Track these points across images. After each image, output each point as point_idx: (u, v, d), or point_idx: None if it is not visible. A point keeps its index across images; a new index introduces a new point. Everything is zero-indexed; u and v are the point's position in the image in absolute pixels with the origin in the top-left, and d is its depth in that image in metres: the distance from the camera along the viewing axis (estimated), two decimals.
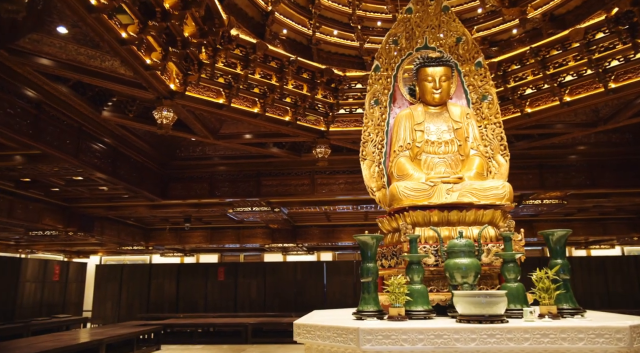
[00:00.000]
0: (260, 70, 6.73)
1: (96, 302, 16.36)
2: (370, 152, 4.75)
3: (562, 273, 3.27)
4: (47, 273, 14.08)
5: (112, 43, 4.78)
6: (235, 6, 5.81)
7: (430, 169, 4.30)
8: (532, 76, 6.75)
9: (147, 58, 5.40)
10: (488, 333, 2.69)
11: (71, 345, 7.24)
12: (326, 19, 6.51)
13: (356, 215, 13.57)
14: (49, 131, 6.10)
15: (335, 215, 14.12)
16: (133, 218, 14.99)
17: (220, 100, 6.67)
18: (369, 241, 3.48)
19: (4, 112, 5.41)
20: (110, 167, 7.66)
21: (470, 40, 4.85)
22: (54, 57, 5.34)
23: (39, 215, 10.43)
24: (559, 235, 3.34)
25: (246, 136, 8.51)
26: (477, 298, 2.85)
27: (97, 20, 4.40)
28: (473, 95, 4.80)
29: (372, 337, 2.74)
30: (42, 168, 7.13)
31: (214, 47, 5.99)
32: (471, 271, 3.29)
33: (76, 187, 9.58)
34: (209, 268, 16.87)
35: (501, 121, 4.72)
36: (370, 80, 4.89)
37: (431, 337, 2.71)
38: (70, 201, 11.22)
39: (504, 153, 4.63)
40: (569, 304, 3.21)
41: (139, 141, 8.43)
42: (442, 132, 4.41)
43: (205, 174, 9.90)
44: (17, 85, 5.54)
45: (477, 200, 3.82)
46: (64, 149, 6.38)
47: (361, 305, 3.33)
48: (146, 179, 9.05)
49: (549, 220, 13.78)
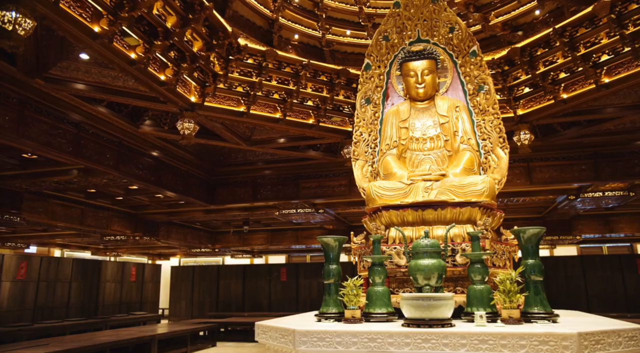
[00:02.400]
0: (276, 76, 6.90)
1: (172, 300, 17.62)
2: (363, 152, 4.70)
3: (533, 274, 3.03)
4: (124, 274, 15.46)
5: (122, 65, 5.20)
6: (241, 17, 6.03)
7: (415, 166, 4.17)
8: (562, 59, 6.21)
9: (162, 74, 5.81)
10: (423, 338, 2.58)
11: (126, 339, 7.93)
12: (336, 20, 6.51)
13: None
14: (89, 147, 6.77)
15: None
16: (199, 222, 15.95)
17: (240, 109, 6.95)
18: (331, 243, 3.48)
19: (47, 133, 6.11)
20: (153, 176, 8.28)
21: (464, 29, 4.61)
22: (82, 81, 5.93)
23: (108, 222, 11.52)
24: (531, 234, 3.09)
25: (280, 140, 8.73)
26: (418, 302, 2.75)
27: (103, 45, 4.82)
28: (469, 87, 4.56)
29: (307, 339, 2.76)
30: (93, 180, 7.90)
31: (225, 58, 6.25)
32: (434, 272, 3.15)
33: (135, 195, 10.47)
34: (272, 269, 17.42)
35: (499, 112, 4.43)
36: (360, 79, 4.84)
37: (364, 340, 2.67)
38: (135, 208, 12.26)
39: (503, 145, 4.34)
40: (539, 308, 2.96)
41: (180, 151, 9.00)
42: (427, 128, 4.26)
43: (248, 178, 10.30)
44: (56, 109, 6.22)
45: (455, 197, 3.64)
46: (104, 163, 7.03)
47: (323, 307, 3.35)
48: (192, 186, 9.62)
49: (627, 214, 12.44)
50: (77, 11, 4.47)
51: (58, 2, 4.11)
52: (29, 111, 5.81)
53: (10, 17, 3.87)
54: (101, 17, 4.67)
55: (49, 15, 4.24)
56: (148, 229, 12.99)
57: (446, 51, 4.67)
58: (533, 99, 6.90)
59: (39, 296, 11.85)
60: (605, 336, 2.50)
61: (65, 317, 12.51)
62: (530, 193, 8.81)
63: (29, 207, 9.00)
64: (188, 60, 5.84)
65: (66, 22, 4.37)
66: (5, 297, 11.02)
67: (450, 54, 4.66)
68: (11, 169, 7.87)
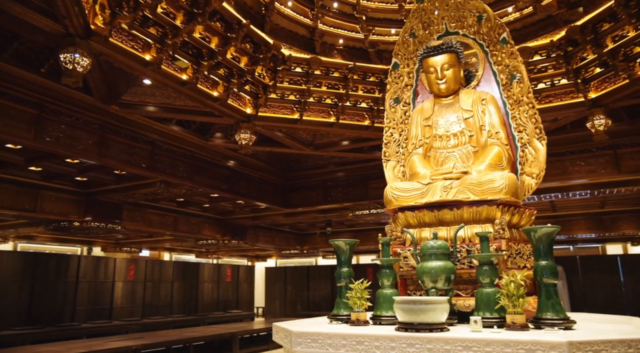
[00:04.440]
0: (325, 82, 7.05)
1: (267, 300, 18.61)
2: (394, 153, 4.67)
3: (545, 277, 2.80)
4: (220, 275, 16.70)
5: (175, 86, 5.76)
6: (282, 29, 6.28)
7: (440, 164, 4.05)
8: (633, 32, 5.50)
9: (214, 91, 6.29)
10: (407, 343, 2.56)
11: (210, 335, 8.64)
12: (378, 21, 6.45)
13: None
14: (163, 162, 7.53)
15: None
16: (287, 225, 16.67)
17: (294, 116, 7.22)
18: (342, 246, 3.55)
19: (124, 152, 6.94)
20: (225, 185, 8.92)
21: (492, 17, 4.35)
22: (150, 103, 6.65)
23: (199, 227, 12.57)
24: (542, 233, 2.86)
25: (343, 143, 8.87)
26: (409, 306, 2.71)
27: (155, 71, 5.38)
28: (502, 77, 4.30)
29: (302, 340, 2.87)
30: (174, 190, 8.74)
31: (273, 70, 6.56)
32: (440, 275, 3.07)
33: (219, 202, 11.31)
34: (359, 269, 17.54)
35: (534, 101, 4.11)
36: (389, 79, 4.79)
37: (353, 343, 2.70)
38: (223, 214, 13.20)
39: (540, 137, 4.03)
40: (551, 313, 2.74)
41: (252, 159, 9.55)
42: (450, 124, 4.09)
43: (319, 182, 10.57)
44: (132, 130, 7.03)
45: (472, 196, 3.48)
46: (177, 175, 7.77)
47: (334, 309, 3.42)
48: (265, 192, 10.15)
49: None
50: (128, 44, 5.05)
51: (108, 39, 4.69)
52: (108, 134, 6.66)
53: (71, 58, 4.53)
54: (150, 47, 5.23)
55: (104, 51, 4.86)
56: (236, 233, 13.91)
57: (476, 41, 4.45)
58: (606, 79, 6.20)
59: (146, 295, 13.34)
60: (608, 346, 2.25)
61: (169, 313, 13.89)
62: (619, 183, 7.85)
63: (128, 216, 10.20)
64: (236, 75, 6.24)
65: (119, 54, 4.97)
66: (119, 296, 12.59)
67: (480, 44, 4.43)
68: (109, 184, 9.02)
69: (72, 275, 11.34)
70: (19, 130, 5.59)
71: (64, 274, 11.17)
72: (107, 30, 4.64)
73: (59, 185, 8.81)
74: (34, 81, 5.62)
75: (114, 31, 4.81)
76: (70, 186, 9.02)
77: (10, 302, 10.02)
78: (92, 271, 11.89)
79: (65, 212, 8.94)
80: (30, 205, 8.40)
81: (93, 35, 4.61)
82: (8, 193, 8.13)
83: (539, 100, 6.68)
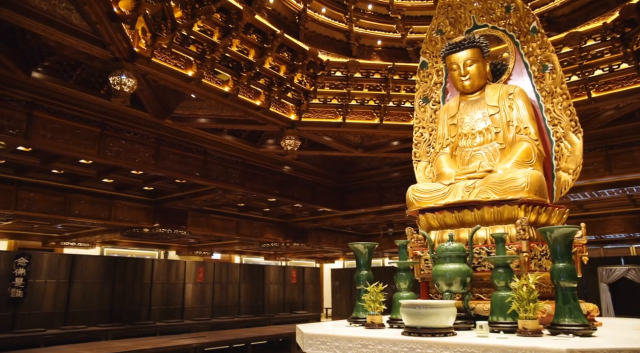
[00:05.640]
0: (366, 84, 7.07)
1: (333, 301, 18.78)
2: (425, 153, 4.61)
3: (562, 281, 2.64)
4: (286, 276, 17.14)
5: (218, 98, 6.09)
6: (318, 36, 6.40)
7: (466, 163, 3.93)
8: None
9: (257, 100, 6.55)
10: (409, 347, 2.55)
11: (268, 335, 8.95)
12: (416, 19, 6.34)
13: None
14: (215, 170, 7.94)
15: None
16: (350, 226, 16.77)
17: (338, 120, 7.31)
18: (362, 249, 3.58)
19: (179, 162, 7.43)
20: (278, 189, 9.20)
21: (521, 5, 4.15)
22: (200, 115, 7.06)
23: (261, 231, 13.03)
24: (558, 234, 2.69)
25: (393, 143, 8.79)
26: (414, 309, 2.69)
27: (198, 85, 5.74)
28: (534, 68, 4.09)
29: (312, 342, 2.95)
30: (230, 196, 9.17)
31: (312, 76, 6.70)
32: (455, 278, 3.01)
33: (278, 206, 11.66)
34: None
35: (568, 92, 3.85)
36: (417, 78, 4.73)
37: (358, 346, 2.74)
38: (284, 217, 13.58)
39: (576, 129, 3.79)
40: (569, 319, 2.57)
41: (304, 164, 9.76)
42: (476, 122, 3.96)
43: (373, 183, 10.54)
44: (186, 141, 7.50)
45: (494, 195, 3.35)
46: (230, 182, 8.15)
47: (354, 312, 3.47)
48: (319, 195, 10.31)
49: None
50: (171, 62, 5.44)
51: (150, 59, 5.09)
52: (163, 146, 7.17)
53: (118, 80, 4.97)
54: (191, 63, 5.58)
55: (149, 71, 5.27)
56: (297, 235, 14.23)
57: (506, 33, 4.27)
58: None
59: (215, 296, 14.06)
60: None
61: (237, 314, 14.52)
62: None
63: (193, 222, 10.85)
64: (276, 84, 6.45)
65: (163, 73, 5.37)
66: (190, 297, 13.40)
67: (510, 35, 4.24)
68: (173, 192, 9.67)
69: (147, 277, 12.27)
70: (84, 147, 6.22)
71: (140, 276, 12.12)
72: (149, 51, 5.03)
73: (130, 194, 9.60)
74: (95, 102, 6.20)
75: (157, 52, 5.20)
76: (139, 195, 9.79)
77: (94, 301, 11.07)
78: (165, 273, 12.78)
79: (136, 219, 9.72)
80: (105, 213, 9.24)
81: (138, 58, 5.02)
82: (86, 203, 9.01)
83: (597, 88, 6.20)
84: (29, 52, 5.45)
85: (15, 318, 9.64)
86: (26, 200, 8.22)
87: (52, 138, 5.90)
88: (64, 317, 10.34)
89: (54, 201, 8.53)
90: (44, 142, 5.83)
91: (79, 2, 4.02)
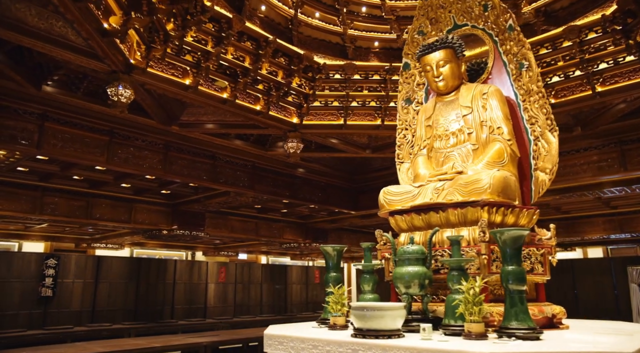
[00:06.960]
0: (366, 85, 7.09)
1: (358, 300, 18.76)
2: (407, 154, 4.63)
3: (510, 284, 2.62)
4: (309, 277, 17.28)
5: (216, 105, 6.28)
6: (314, 40, 6.47)
7: (440, 165, 3.93)
8: None
9: (257, 105, 6.69)
10: (352, 348, 2.60)
11: None
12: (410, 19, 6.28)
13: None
14: (224, 173, 8.16)
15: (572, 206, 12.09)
16: (371, 226, 16.70)
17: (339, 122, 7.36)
18: (330, 252, 3.64)
19: (187, 167, 7.68)
20: (287, 191, 9.33)
21: (498, 3, 4.09)
22: (205, 121, 7.28)
23: (280, 232, 13.22)
24: (509, 236, 2.67)
25: None
26: (361, 312, 2.74)
27: (195, 93, 5.93)
28: (512, 67, 4.03)
29: (271, 342, 3.05)
30: (241, 199, 9.37)
31: (310, 79, 6.78)
32: (414, 280, 3.04)
33: (294, 208, 11.80)
34: None
35: (544, 91, 3.77)
36: (400, 80, 4.74)
37: (309, 346, 2.82)
38: (303, 218, 13.70)
39: (552, 128, 3.72)
40: (517, 322, 2.56)
41: (315, 165, 9.84)
42: (449, 123, 3.94)
43: (386, 183, 10.42)
44: (193, 146, 7.75)
45: (459, 197, 3.34)
46: (239, 185, 8.35)
47: (323, 314, 3.53)
48: (332, 196, 10.38)
49: None
50: (168, 72, 5.65)
51: (146, 70, 5.31)
52: (171, 152, 7.44)
53: (115, 91, 5.23)
54: (187, 72, 5.78)
55: (147, 81, 5.51)
56: (317, 236, 14.33)
57: (485, 31, 4.23)
58: None
59: (237, 295, 14.37)
60: None
61: (259, 313, 14.78)
62: None
63: (211, 223, 11.14)
64: (273, 88, 6.58)
65: (160, 82, 5.59)
66: (212, 296, 13.76)
67: (489, 33, 4.20)
68: (189, 195, 9.98)
69: (169, 277, 12.71)
70: (94, 154, 6.54)
71: (163, 277, 12.57)
72: (144, 63, 5.26)
73: (148, 198, 9.98)
74: (103, 112, 6.51)
75: (153, 62, 5.43)
76: (158, 198, 10.16)
77: (120, 300, 11.58)
78: (187, 274, 13.18)
79: (155, 221, 10.09)
80: (126, 216, 9.65)
81: (134, 69, 5.25)
82: (107, 207, 9.45)
83: (602, 82, 5.98)
84: (38, 68, 5.80)
85: (46, 316, 10.22)
86: (50, 205, 8.71)
87: (63, 147, 6.25)
88: (90, 315, 10.88)
89: (76, 205, 8.99)
90: (55, 151, 6.18)
91: (69, 20, 4.26)
